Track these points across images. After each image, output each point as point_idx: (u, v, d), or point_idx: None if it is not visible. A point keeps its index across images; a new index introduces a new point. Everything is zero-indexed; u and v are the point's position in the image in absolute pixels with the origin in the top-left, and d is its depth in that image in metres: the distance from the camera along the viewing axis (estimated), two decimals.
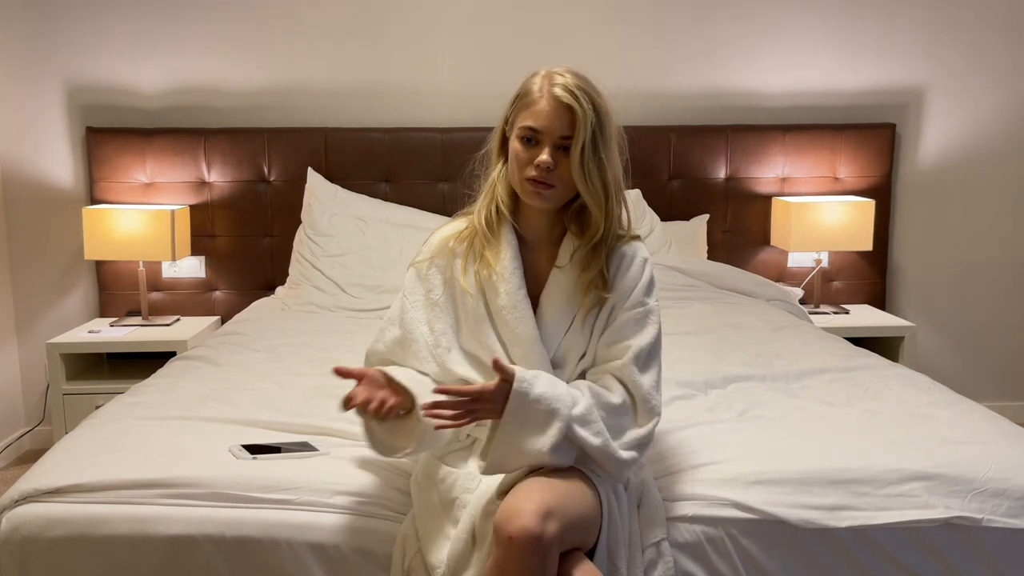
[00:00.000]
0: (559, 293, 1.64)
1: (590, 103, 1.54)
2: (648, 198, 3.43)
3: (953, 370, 3.73)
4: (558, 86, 1.55)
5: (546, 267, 1.66)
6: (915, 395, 2.10)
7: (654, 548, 1.53)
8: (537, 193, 1.57)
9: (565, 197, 1.60)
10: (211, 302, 3.52)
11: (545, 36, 3.49)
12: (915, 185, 3.67)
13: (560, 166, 1.55)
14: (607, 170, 1.57)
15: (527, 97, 1.58)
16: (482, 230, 1.65)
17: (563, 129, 1.54)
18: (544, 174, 1.55)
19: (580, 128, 1.53)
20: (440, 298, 1.67)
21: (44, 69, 3.41)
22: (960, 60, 3.60)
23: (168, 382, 2.25)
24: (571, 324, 1.64)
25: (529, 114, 1.56)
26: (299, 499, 1.60)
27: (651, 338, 1.61)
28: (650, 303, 1.63)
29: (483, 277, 1.65)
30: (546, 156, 1.54)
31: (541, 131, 1.55)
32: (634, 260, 1.65)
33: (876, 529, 1.59)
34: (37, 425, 3.54)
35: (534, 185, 1.57)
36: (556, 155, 1.55)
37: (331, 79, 3.49)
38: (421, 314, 1.68)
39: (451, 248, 1.69)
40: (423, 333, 1.66)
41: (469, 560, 1.48)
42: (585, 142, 1.53)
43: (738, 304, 3.09)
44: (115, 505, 1.59)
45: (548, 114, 1.55)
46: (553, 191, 1.57)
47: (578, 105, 1.53)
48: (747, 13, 3.54)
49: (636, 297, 1.62)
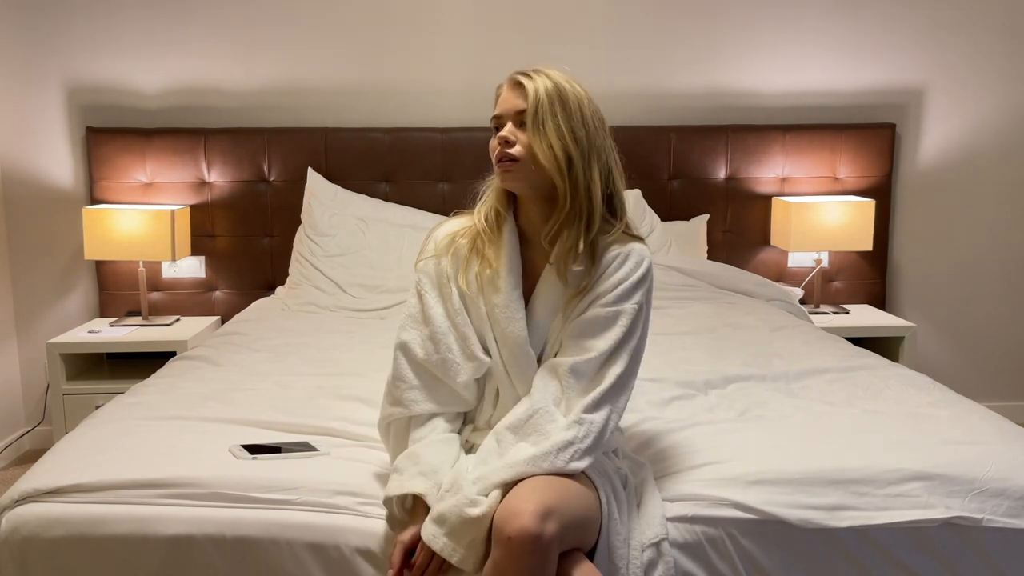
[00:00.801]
0: (550, 291, 1.64)
1: (547, 79, 1.57)
2: (648, 198, 3.43)
3: (953, 370, 3.73)
4: (515, 74, 1.61)
5: (541, 265, 1.66)
6: (915, 395, 2.10)
7: (654, 548, 1.53)
8: (505, 171, 1.59)
9: (536, 175, 1.58)
10: (211, 302, 3.52)
11: (545, 36, 3.49)
12: (915, 185, 3.67)
13: (519, 140, 1.58)
14: (567, 137, 1.55)
15: (497, 92, 1.64)
16: (483, 228, 1.66)
17: (519, 105, 1.58)
18: (503, 148, 1.58)
19: (530, 96, 1.56)
20: (452, 292, 1.67)
21: (44, 69, 3.41)
22: (960, 60, 3.60)
23: (168, 382, 2.25)
24: (556, 320, 1.64)
25: (495, 106, 1.63)
26: (299, 499, 1.59)
27: (612, 342, 1.58)
28: (625, 306, 1.59)
29: (484, 277, 1.65)
30: (504, 131, 1.58)
31: (501, 114, 1.61)
32: (627, 260, 1.62)
33: (876, 529, 1.59)
34: (37, 425, 3.54)
35: (500, 165, 1.60)
36: (516, 132, 1.58)
37: (331, 79, 3.49)
38: (440, 309, 1.67)
39: (457, 243, 1.68)
40: (449, 327, 1.65)
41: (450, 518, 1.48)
42: (539, 108, 1.55)
43: (738, 304, 3.09)
44: (115, 505, 1.58)
45: (506, 97, 1.61)
46: (518, 165, 1.58)
47: (529, 80, 1.57)
48: (747, 13, 3.54)
49: (616, 294, 1.60)
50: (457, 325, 1.65)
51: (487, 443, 1.58)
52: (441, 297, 1.67)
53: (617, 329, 1.59)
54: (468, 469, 1.53)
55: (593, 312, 1.60)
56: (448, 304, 1.66)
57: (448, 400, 1.66)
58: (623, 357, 1.59)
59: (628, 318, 1.59)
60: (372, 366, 2.29)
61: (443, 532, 1.45)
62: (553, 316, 1.65)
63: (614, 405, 1.58)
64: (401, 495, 1.54)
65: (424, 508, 1.51)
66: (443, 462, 1.56)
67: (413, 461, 1.56)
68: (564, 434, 1.51)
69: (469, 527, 1.44)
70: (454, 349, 1.64)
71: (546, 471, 1.47)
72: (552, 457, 1.48)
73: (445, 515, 1.46)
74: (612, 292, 1.60)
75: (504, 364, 1.64)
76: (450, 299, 1.66)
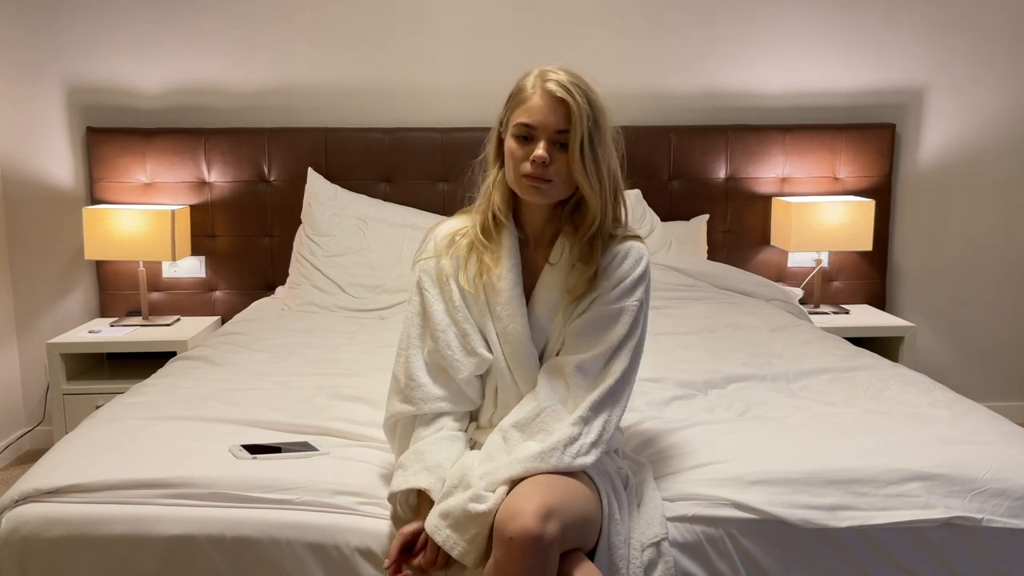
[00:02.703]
0: (550, 290, 1.65)
1: (584, 97, 1.54)
2: (648, 198, 3.43)
3: (953, 370, 3.73)
4: (551, 82, 1.55)
5: (541, 264, 1.67)
6: (915, 395, 2.10)
7: (654, 548, 1.53)
8: (535, 188, 1.57)
9: (562, 192, 1.60)
10: (211, 302, 3.52)
11: (545, 36, 3.49)
12: (915, 185, 3.67)
13: (556, 161, 1.55)
14: (603, 164, 1.57)
15: (520, 95, 1.58)
16: (482, 228, 1.66)
17: (558, 123, 1.54)
18: (540, 169, 1.55)
19: (577, 121, 1.53)
20: (452, 290, 1.67)
21: (44, 69, 3.41)
22: (960, 60, 3.60)
23: (168, 382, 2.25)
24: (556, 319, 1.65)
25: (523, 111, 1.56)
26: (299, 499, 1.59)
27: (616, 339, 1.60)
28: (627, 303, 1.61)
29: (484, 276, 1.65)
30: (542, 151, 1.54)
31: (536, 126, 1.55)
32: (627, 258, 1.63)
33: (876, 529, 1.59)
34: (37, 425, 3.54)
35: (531, 181, 1.56)
36: (551, 150, 1.55)
37: (331, 79, 3.49)
38: (441, 306, 1.67)
39: (457, 243, 1.69)
40: (448, 324, 1.66)
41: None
42: (583, 135, 1.53)
43: (738, 304, 3.09)
44: (115, 505, 1.58)
45: (542, 109, 1.55)
46: (550, 186, 1.57)
47: (572, 99, 1.53)
48: (747, 13, 3.54)
49: (617, 292, 1.61)
50: (457, 322, 1.66)
51: (493, 440, 1.58)
52: (441, 295, 1.68)
53: (620, 327, 1.60)
54: (475, 465, 1.53)
55: (596, 310, 1.61)
56: (448, 302, 1.67)
57: (456, 398, 1.66)
58: (626, 353, 1.60)
59: (630, 315, 1.61)
60: (372, 366, 2.29)
61: (447, 525, 1.46)
62: (553, 314, 1.65)
63: (618, 401, 1.59)
64: (405, 491, 1.54)
65: (428, 504, 1.52)
66: (448, 459, 1.57)
67: (418, 457, 1.57)
68: (570, 430, 1.52)
69: (473, 522, 1.44)
70: (453, 346, 1.64)
71: (553, 467, 1.48)
72: (559, 453, 1.49)
73: (450, 509, 1.46)
74: (614, 290, 1.61)
75: (507, 361, 1.65)
76: (451, 297, 1.67)
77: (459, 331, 1.65)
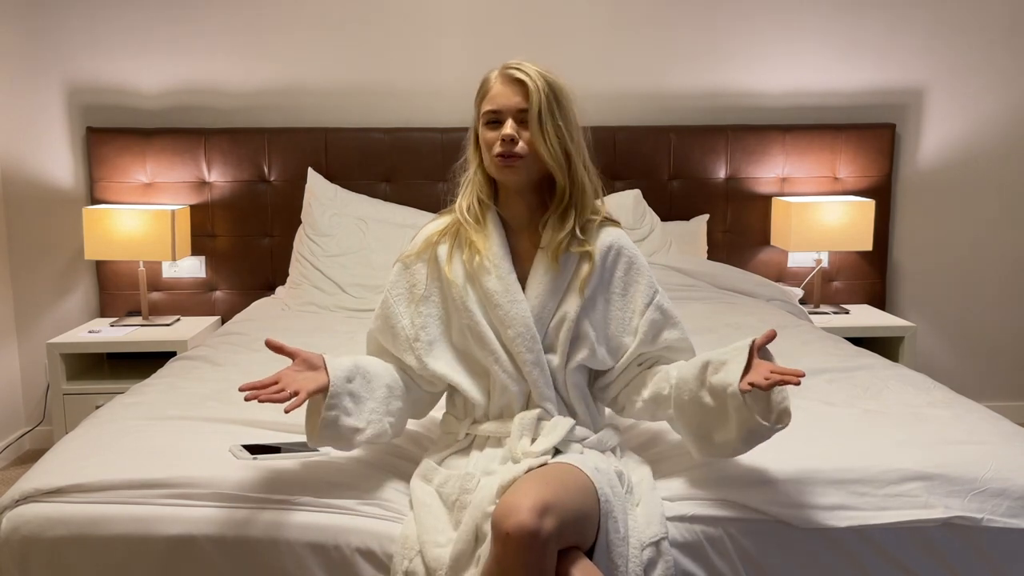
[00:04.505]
0: (544, 275, 1.70)
1: (541, 78, 1.64)
2: (648, 198, 3.43)
3: (953, 370, 3.73)
4: (509, 68, 1.67)
5: (530, 251, 1.73)
6: (915, 395, 2.10)
7: (654, 547, 1.53)
8: (507, 167, 1.65)
9: (535, 169, 1.67)
10: (211, 302, 3.52)
11: (545, 36, 3.49)
12: (915, 185, 3.67)
13: (522, 137, 1.64)
14: (566, 136, 1.65)
15: (484, 87, 1.71)
16: (465, 219, 1.72)
17: (520, 103, 1.64)
18: (508, 146, 1.64)
19: (532, 96, 1.62)
20: (426, 292, 1.73)
21: (44, 69, 3.41)
22: (960, 60, 3.60)
23: (168, 382, 2.25)
24: (558, 308, 1.69)
25: (488, 100, 1.68)
26: (299, 499, 1.60)
27: (676, 317, 1.78)
28: (656, 289, 1.76)
29: (473, 264, 1.69)
30: (508, 129, 1.63)
31: (500, 109, 1.65)
32: (620, 254, 1.74)
33: (876, 529, 1.59)
34: (37, 425, 3.54)
35: (502, 160, 1.65)
36: (517, 129, 1.64)
37: (331, 79, 3.49)
38: (403, 308, 1.73)
39: (436, 243, 1.74)
40: (404, 326, 1.72)
41: (471, 560, 1.48)
42: (541, 108, 1.62)
43: (738, 304, 3.09)
44: (115, 505, 1.59)
45: (504, 92, 1.66)
46: (522, 161, 1.65)
47: (527, 77, 1.63)
48: (747, 13, 3.54)
49: (646, 295, 1.75)
50: (415, 325, 1.72)
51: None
52: (409, 296, 1.73)
53: (671, 309, 1.77)
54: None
55: (649, 317, 1.73)
56: (413, 306, 1.72)
57: (405, 379, 1.74)
58: (669, 313, 1.78)
59: (662, 295, 1.77)
60: None
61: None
62: (549, 299, 1.69)
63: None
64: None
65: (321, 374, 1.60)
66: (370, 369, 1.67)
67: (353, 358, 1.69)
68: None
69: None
70: (401, 348, 1.73)
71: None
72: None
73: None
74: (632, 288, 1.75)
75: (507, 347, 1.67)
76: (419, 299, 1.72)
77: (413, 335, 1.71)
